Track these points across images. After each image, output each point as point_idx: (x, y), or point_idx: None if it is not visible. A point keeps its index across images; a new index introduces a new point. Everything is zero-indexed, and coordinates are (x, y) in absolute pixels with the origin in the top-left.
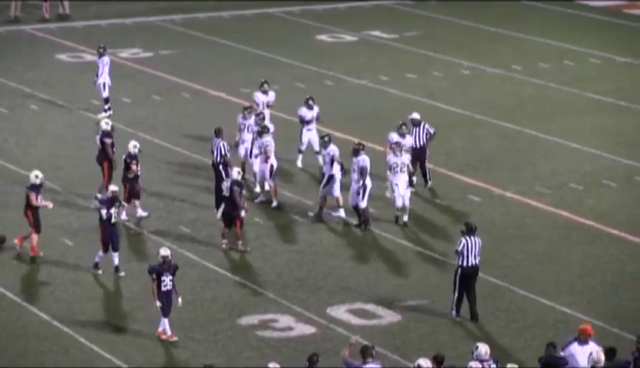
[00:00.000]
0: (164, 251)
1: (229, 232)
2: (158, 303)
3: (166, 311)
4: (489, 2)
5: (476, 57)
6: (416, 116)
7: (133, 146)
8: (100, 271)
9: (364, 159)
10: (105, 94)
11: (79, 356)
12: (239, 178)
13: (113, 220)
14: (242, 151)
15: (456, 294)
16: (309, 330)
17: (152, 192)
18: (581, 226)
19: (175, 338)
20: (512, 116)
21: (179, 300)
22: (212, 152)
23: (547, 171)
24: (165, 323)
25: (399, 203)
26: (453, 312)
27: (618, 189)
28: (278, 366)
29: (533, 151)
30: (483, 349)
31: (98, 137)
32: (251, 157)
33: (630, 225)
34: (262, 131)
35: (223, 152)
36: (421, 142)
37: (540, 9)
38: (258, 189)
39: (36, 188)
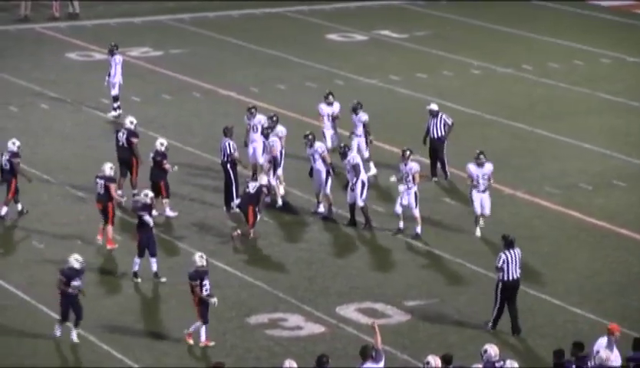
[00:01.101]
0: (204, 256)
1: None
2: (212, 300)
3: (207, 317)
4: (499, 2)
5: (486, 57)
6: (434, 107)
7: (160, 144)
8: (139, 280)
9: (353, 157)
10: (114, 92)
11: (89, 355)
12: (267, 184)
13: (151, 224)
14: (250, 151)
15: (497, 308)
16: (318, 329)
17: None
18: (590, 226)
19: (211, 343)
20: (522, 116)
21: (215, 300)
22: (221, 151)
23: (557, 171)
24: (203, 329)
25: (398, 211)
26: (490, 324)
27: (628, 189)
28: (295, 364)
29: (543, 151)
30: (493, 351)
31: (124, 137)
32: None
33: (639, 225)
34: (267, 133)
35: (229, 151)
36: (439, 134)
37: (550, 9)
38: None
39: (113, 179)
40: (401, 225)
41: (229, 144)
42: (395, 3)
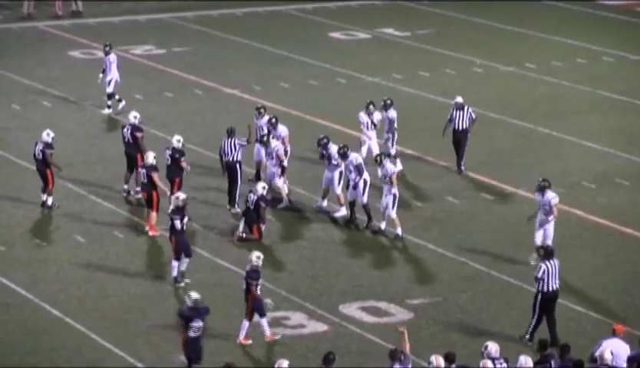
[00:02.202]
0: (261, 257)
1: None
2: (266, 301)
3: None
4: (501, 1)
5: (489, 55)
6: (459, 99)
7: (177, 141)
8: (182, 284)
9: (356, 158)
10: (109, 90)
11: (91, 353)
12: (265, 192)
13: (178, 228)
14: (255, 149)
15: (534, 319)
16: (321, 327)
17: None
18: (593, 225)
19: (276, 337)
20: (524, 114)
21: (269, 301)
22: (225, 152)
23: (560, 169)
24: (246, 325)
25: (381, 209)
26: (527, 336)
27: (631, 188)
28: (285, 364)
29: (546, 149)
30: (493, 347)
31: (128, 132)
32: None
33: None
34: (264, 141)
35: (244, 143)
36: (463, 126)
37: (553, 7)
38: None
39: (155, 168)
40: (383, 225)
41: (238, 142)
42: (398, 2)
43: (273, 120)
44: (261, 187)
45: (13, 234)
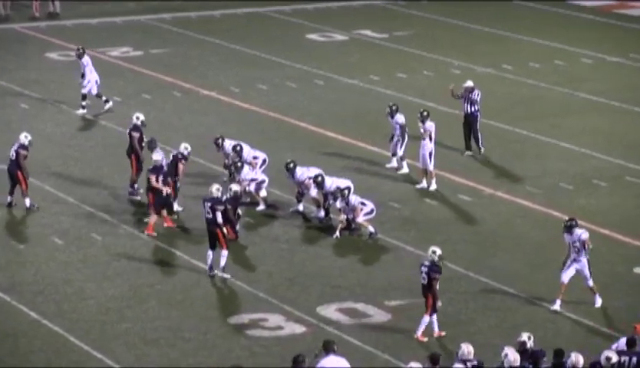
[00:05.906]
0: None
1: None
2: (439, 303)
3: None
4: (479, 2)
5: (467, 57)
6: (469, 84)
7: (184, 148)
8: (215, 272)
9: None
10: (85, 91)
11: (69, 355)
12: (219, 194)
13: (219, 220)
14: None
15: None
16: (299, 329)
17: (142, 191)
18: None
19: (443, 333)
20: (503, 115)
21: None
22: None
23: (538, 171)
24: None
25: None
26: None
27: (609, 189)
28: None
29: (524, 151)
30: (467, 349)
31: (128, 130)
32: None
33: (620, 225)
34: (233, 170)
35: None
36: (473, 108)
37: (531, 9)
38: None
39: (157, 170)
40: (371, 228)
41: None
42: (376, 3)
43: (238, 148)
44: (215, 189)
45: None
